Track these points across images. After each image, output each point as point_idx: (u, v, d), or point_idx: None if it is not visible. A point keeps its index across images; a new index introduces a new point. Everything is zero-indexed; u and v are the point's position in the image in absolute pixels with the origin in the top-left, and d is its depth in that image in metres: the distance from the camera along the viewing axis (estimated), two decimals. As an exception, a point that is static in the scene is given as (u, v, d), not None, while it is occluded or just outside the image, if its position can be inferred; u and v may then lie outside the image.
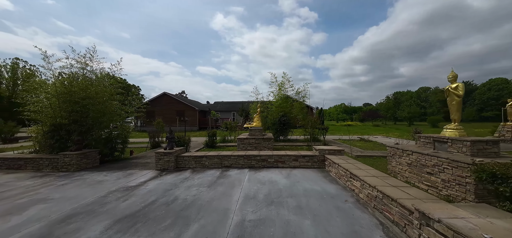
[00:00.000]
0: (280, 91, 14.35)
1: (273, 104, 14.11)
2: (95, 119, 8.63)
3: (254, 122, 9.04)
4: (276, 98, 14.32)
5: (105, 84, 9.17)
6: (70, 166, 7.66)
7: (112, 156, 8.96)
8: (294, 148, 10.29)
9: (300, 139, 13.83)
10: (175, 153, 7.08)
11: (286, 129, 13.13)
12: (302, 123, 12.37)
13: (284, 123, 12.72)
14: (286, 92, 14.44)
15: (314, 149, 7.40)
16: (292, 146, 11.08)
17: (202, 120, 28.08)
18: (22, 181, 6.49)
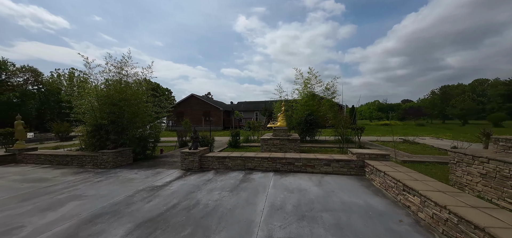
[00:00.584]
0: (305, 88, 13.02)
1: (298, 102, 12.90)
2: (129, 120, 8.98)
3: (278, 121, 8.36)
4: (302, 95, 13.05)
5: (138, 87, 9.51)
6: (107, 163, 8.04)
7: (144, 154, 9.25)
8: (323, 150, 9.27)
9: (329, 140, 12.46)
10: (199, 153, 6.89)
11: (313, 129, 11.92)
12: (332, 122, 10.97)
13: (310, 123, 11.57)
14: (312, 89, 13.05)
15: (350, 152, 6.43)
16: (321, 148, 10.02)
17: (226, 120, 28.35)
18: (66, 176, 6.94)
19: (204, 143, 7.77)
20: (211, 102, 30.79)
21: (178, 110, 29.20)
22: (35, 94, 41.65)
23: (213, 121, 22.79)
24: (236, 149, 9.80)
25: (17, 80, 41.74)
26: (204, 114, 26.59)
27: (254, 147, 10.20)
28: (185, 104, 29.90)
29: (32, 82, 43.19)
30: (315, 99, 12.67)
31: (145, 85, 9.76)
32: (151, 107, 9.95)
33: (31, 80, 43.68)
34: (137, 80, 9.51)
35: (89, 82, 8.94)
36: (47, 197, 4.99)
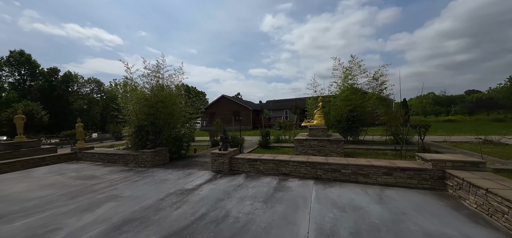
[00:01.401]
0: (346, 80, 10.75)
1: (336, 97, 10.77)
2: (165, 121, 9.06)
3: (315, 119, 7.13)
4: (341, 89, 10.77)
5: (172, 89, 9.57)
6: (146, 162, 8.17)
7: (179, 154, 9.23)
8: (373, 153, 7.64)
9: (377, 140, 10.27)
10: (229, 155, 6.33)
11: (356, 128, 9.87)
12: (384, 119, 9.04)
13: (353, 120, 9.53)
14: (354, 81, 10.66)
15: (421, 158, 4.83)
16: (369, 150, 8.17)
17: (255, 119, 27.82)
18: (111, 174, 7.18)
19: (234, 144, 7.21)
20: (241, 102, 30.63)
21: (210, 111, 29.96)
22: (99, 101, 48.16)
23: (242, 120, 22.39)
24: (267, 150, 9.03)
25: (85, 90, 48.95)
26: (234, 114, 26.57)
27: (286, 148, 9.23)
28: (217, 105, 30.45)
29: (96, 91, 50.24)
30: (357, 93, 10.40)
31: (179, 87, 9.77)
32: (185, 108, 9.93)
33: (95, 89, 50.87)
34: (171, 82, 9.57)
35: (134, 88, 9.23)
36: (90, 196, 5.03)
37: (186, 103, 10.03)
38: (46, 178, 7.21)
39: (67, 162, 10.44)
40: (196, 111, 10.43)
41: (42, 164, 9.72)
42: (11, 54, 38.72)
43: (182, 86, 10.52)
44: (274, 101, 38.21)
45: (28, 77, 41.01)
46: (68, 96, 44.76)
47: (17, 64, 39.35)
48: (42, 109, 33.51)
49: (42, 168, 8.99)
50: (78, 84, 48.82)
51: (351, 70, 10.77)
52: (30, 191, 5.70)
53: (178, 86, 9.70)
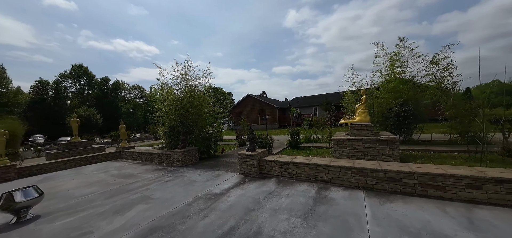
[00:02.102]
0: (392, 67, 8.59)
1: (380, 89, 8.62)
2: (194, 121, 8.97)
3: (357, 116, 5.90)
4: (388, 78, 8.60)
5: (200, 90, 9.46)
6: (177, 162, 8.15)
7: (207, 154, 9.06)
8: (437, 157, 5.93)
9: (437, 140, 8.16)
10: (257, 157, 5.74)
11: (408, 125, 7.84)
12: (451, 113, 6.94)
13: (404, 116, 7.56)
14: (404, 68, 8.44)
15: None
16: (430, 152, 6.41)
17: (282, 118, 26.65)
18: (146, 173, 7.28)
19: (262, 144, 6.59)
20: (266, 101, 29.61)
21: (237, 110, 29.81)
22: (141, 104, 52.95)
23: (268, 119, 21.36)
24: (297, 151, 8.18)
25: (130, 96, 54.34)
26: (260, 112, 25.91)
27: (319, 149, 8.17)
28: (243, 104, 30.19)
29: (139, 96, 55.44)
30: (409, 82, 8.23)
31: (206, 87, 9.60)
32: (212, 108, 9.75)
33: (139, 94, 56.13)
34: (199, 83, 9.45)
35: (170, 92, 9.24)
36: (124, 196, 5.00)
37: (214, 103, 9.83)
38: (92, 175, 7.70)
39: (112, 160, 11.24)
40: (223, 111, 10.18)
41: (92, 162, 10.63)
42: (73, 68, 45.22)
43: (210, 88, 10.38)
44: (301, 98, 35.78)
45: (86, 86, 47.39)
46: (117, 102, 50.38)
47: (77, 76, 45.78)
48: (97, 113, 38.23)
49: (91, 166, 9.79)
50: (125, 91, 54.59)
51: (399, 55, 8.51)
52: (77, 189, 6.03)
53: (206, 87, 9.55)
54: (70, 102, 42.91)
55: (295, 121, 22.16)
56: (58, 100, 40.62)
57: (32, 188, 4.31)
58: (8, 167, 7.80)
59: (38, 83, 39.54)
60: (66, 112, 37.23)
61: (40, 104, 37.85)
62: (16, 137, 15.15)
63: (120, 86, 53.20)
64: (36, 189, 4.36)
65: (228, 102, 10.36)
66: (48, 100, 39.38)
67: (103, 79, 49.56)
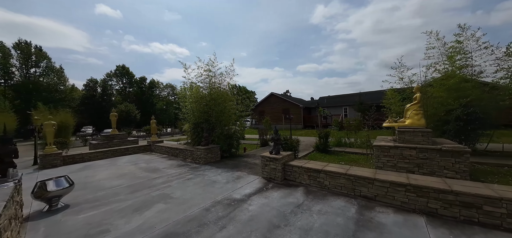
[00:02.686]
0: (451, 60, 6.66)
1: (433, 86, 6.78)
2: (217, 118, 8.72)
3: (408, 118, 4.66)
4: (448, 73, 6.69)
5: (224, 87, 9.18)
6: (200, 159, 7.98)
7: (229, 153, 8.72)
8: None
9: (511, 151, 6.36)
10: (282, 160, 5.08)
11: (472, 132, 6.04)
12: None
13: (467, 120, 5.88)
14: (466, 62, 6.51)
15: None
16: (503, 167, 5.00)
17: (307, 118, 25.04)
18: (170, 169, 7.23)
19: (287, 146, 5.87)
20: (290, 100, 28.02)
21: (259, 109, 28.86)
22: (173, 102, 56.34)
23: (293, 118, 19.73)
24: (328, 156, 7.22)
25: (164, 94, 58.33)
26: (284, 112, 24.75)
27: (353, 155, 6.99)
28: (265, 103, 29.28)
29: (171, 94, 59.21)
30: (472, 80, 6.44)
31: (230, 85, 9.27)
32: (235, 106, 9.39)
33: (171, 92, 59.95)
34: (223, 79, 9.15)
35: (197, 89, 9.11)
36: (146, 192, 4.87)
37: (237, 101, 9.46)
38: (123, 167, 7.99)
39: (143, 152, 11.76)
40: (246, 109, 9.74)
41: (126, 153, 11.25)
42: (117, 68, 50.33)
43: (234, 87, 10.05)
44: (329, 98, 32.53)
45: (127, 84, 52.33)
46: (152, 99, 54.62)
47: (120, 75, 50.82)
48: (135, 109, 41.86)
49: (124, 157, 10.33)
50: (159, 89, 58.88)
51: (460, 46, 6.61)
52: (107, 180, 6.20)
53: (229, 84, 9.23)
54: (115, 99, 47.96)
55: (323, 122, 20.51)
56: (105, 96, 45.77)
57: (63, 178, 4.40)
58: (55, 155, 8.60)
59: (89, 81, 45.07)
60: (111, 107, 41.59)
61: (91, 99, 43.05)
62: (67, 127, 17.19)
63: (156, 85, 57.52)
64: (67, 179, 4.44)
65: (251, 101, 9.86)
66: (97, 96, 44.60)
67: (141, 78, 54.17)
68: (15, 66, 30.90)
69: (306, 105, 27.54)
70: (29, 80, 31.53)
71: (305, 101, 34.14)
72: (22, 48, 31.14)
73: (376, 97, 23.08)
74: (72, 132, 19.73)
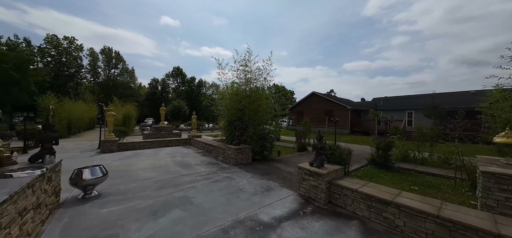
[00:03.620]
0: None
1: None
2: (250, 117, 7.95)
3: None
4: None
5: (261, 83, 8.35)
6: (230, 159, 7.40)
7: (261, 155, 7.82)
8: None
9: None
10: (328, 178, 3.77)
11: None
12: None
13: None
14: None
15: None
16: None
17: (355, 122, 21.04)
18: (200, 166, 6.89)
19: (333, 158, 4.41)
20: (335, 100, 24.31)
21: (298, 109, 26.13)
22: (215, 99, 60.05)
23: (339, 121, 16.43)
24: (390, 174, 5.33)
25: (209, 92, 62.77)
26: (326, 113, 21.78)
27: (430, 178, 4.88)
28: (305, 102, 26.57)
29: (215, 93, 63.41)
30: None
31: (266, 80, 8.34)
32: (272, 104, 8.41)
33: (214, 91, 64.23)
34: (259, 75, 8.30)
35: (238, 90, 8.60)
36: (170, 191, 4.49)
37: (273, 99, 8.47)
38: (162, 158, 8.20)
39: (183, 145, 12.23)
40: (283, 108, 8.64)
41: (169, 145, 11.90)
42: (173, 70, 57.17)
43: (271, 87, 9.13)
44: (386, 99, 26.34)
45: (180, 84, 58.79)
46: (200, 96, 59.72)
47: (175, 75, 57.50)
48: (185, 105, 46.44)
49: (166, 149, 10.87)
50: (205, 88, 63.92)
51: None
52: (143, 170, 6.27)
53: (266, 79, 8.31)
54: (170, 95, 54.73)
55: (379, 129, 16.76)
56: (163, 93, 52.82)
57: (98, 167, 4.40)
58: (112, 142, 9.65)
59: (152, 81, 52.81)
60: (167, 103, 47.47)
61: (153, 95, 50.33)
62: (131, 118, 20.02)
63: (203, 84, 62.69)
64: (101, 169, 4.44)
65: (288, 100, 8.65)
66: (158, 93, 51.82)
67: (191, 78, 60.00)
68: (101, 67, 38.86)
69: (355, 107, 23.19)
70: (110, 79, 39.10)
71: (353, 102, 29.23)
72: (106, 53, 38.89)
73: (454, 100, 17.84)
74: (135, 122, 23.11)
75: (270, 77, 8.31)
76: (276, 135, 8.33)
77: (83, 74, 37.25)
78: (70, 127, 16.56)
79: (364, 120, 21.10)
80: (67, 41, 33.40)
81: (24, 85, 21.99)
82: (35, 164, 3.53)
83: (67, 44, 33.37)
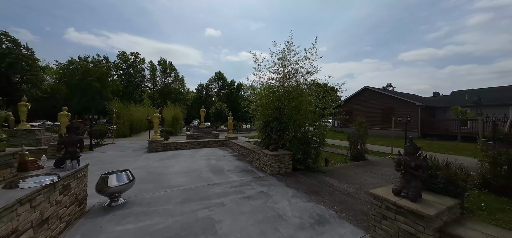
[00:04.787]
0: None
1: None
2: (290, 117, 6.59)
3: None
4: None
5: (297, 78, 6.88)
6: (266, 167, 6.23)
7: (304, 164, 6.32)
8: None
9: None
10: (437, 222, 2.04)
11: None
12: None
13: None
14: None
15: None
16: None
17: (428, 123, 15.86)
18: (233, 174, 6.01)
19: (434, 184, 2.54)
20: (398, 95, 18.75)
21: (346, 108, 20.99)
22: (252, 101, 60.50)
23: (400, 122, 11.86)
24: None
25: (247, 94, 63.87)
26: (385, 112, 17.49)
27: None
28: (355, 100, 21.66)
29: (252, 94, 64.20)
30: None
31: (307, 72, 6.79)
32: (315, 101, 6.81)
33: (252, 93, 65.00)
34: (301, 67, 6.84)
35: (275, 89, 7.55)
36: (195, 207, 3.69)
37: (319, 95, 6.84)
38: (197, 161, 7.80)
39: (220, 147, 11.88)
40: (330, 105, 6.88)
41: (207, 146, 11.76)
42: (215, 75, 60.98)
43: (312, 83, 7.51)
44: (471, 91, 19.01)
45: (221, 87, 62.14)
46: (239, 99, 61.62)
47: (217, 80, 61.12)
48: (226, 107, 48.52)
49: (204, 150, 10.66)
50: (243, 90, 65.55)
51: None
52: (176, 175, 5.83)
53: (308, 72, 6.77)
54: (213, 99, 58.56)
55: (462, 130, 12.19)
56: (207, 97, 57.03)
57: (124, 173, 3.99)
58: (157, 142, 10.01)
59: (198, 86, 57.79)
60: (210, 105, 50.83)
61: (199, 99, 54.93)
62: (178, 119, 21.66)
63: (241, 87, 64.47)
64: (128, 175, 4.02)
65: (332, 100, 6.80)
66: (203, 97, 56.26)
67: (231, 81, 62.58)
68: (158, 76, 44.74)
69: (428, 104, 17.48)
70: (165, 86, 44.54)
71: (422, 98, 22.37)
72: (162, 63, 44.54)
73: None
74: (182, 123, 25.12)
75: (314, 69, 6.72)
76: (322, 139, 6.65)
77: (145, 83, 43.99)
78: (132, 128, 19.02)
79: (441, 120, 16.03)
80: (133, 56, 40.09)
81: (104, 93, 27.05)
82: (61, 168, 3.27)
83: (133, 58, 40.07)
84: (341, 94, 12.39)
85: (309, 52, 6.59)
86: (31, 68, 22.58)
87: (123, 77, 39.24)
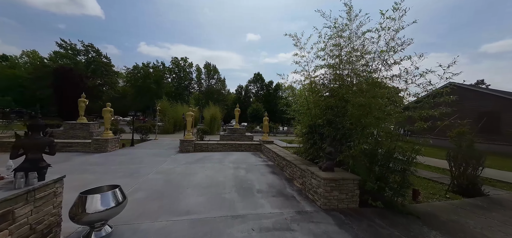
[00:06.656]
0: None
1: None
2: (355, 119, 4.21)
3: None
4: None
5: (367, 60, 4.40)
6: (315, 195, 4.10)
7: (381, 198, 3.81)
8: None
9: None
10: None
11: None
12: None
13: None
14: None
15: None
16: None
17: None
18: (266, 197, 4.19)
19: None
20: (502, 94, 13.30)
21: None
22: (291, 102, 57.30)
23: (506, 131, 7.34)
24: None
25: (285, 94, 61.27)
26: (481, 116, 12.18)
27: None
28: None
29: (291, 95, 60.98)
30: None
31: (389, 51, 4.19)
32: (393, 92, 4.22)
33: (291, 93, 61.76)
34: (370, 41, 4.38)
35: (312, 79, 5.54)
36: None
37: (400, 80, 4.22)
38: (224, 169, 6.39)
39: (253, 151, 10.32)
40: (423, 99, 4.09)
41: (239, 149, 10.39)
42: (254, 76, 60.93)
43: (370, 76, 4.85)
44: None
45: (259, 88, 61.60)
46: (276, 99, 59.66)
47: (255, 81, 60.93)
48: (263, 108, 47.48)
49: (235, 154, 9.28)
50: (281, 91, 63.11)
51: None
52: (194, 189, 4.47)
53: (392, 48, 4.20)
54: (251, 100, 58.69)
55: None
56: (246, 98, 57.61)
57: (111, 193, 2.75)
58: (189, 141, 9.26)
59: (238, 87, 59.09)
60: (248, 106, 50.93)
61: (238, 100, 56.04)
62: (216, 119, 21.57)
63: (279, 87, 62.24)
64: (116, 195, 2.77)
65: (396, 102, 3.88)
66: (242, 98, 57.15)
67: (269, 82, 61.28)
68: (203, 78, 47.77)
69: None
70: (209, 88, 47.14)
71: None
72: (207, 67, 47.30)
73: None
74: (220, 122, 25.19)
75: (398, 43, 4.09)
76: (411, 156, 3.95)
77: (192, 85, 47.84)
78: (175, 125, 19.91)
79: None
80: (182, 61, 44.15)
81: (159, 94, 30.12)
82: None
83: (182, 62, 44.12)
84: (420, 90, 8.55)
85: (390, 17, 4.01)
86: (108, 73, 27.51)
87: (175, 80, 43.70)
